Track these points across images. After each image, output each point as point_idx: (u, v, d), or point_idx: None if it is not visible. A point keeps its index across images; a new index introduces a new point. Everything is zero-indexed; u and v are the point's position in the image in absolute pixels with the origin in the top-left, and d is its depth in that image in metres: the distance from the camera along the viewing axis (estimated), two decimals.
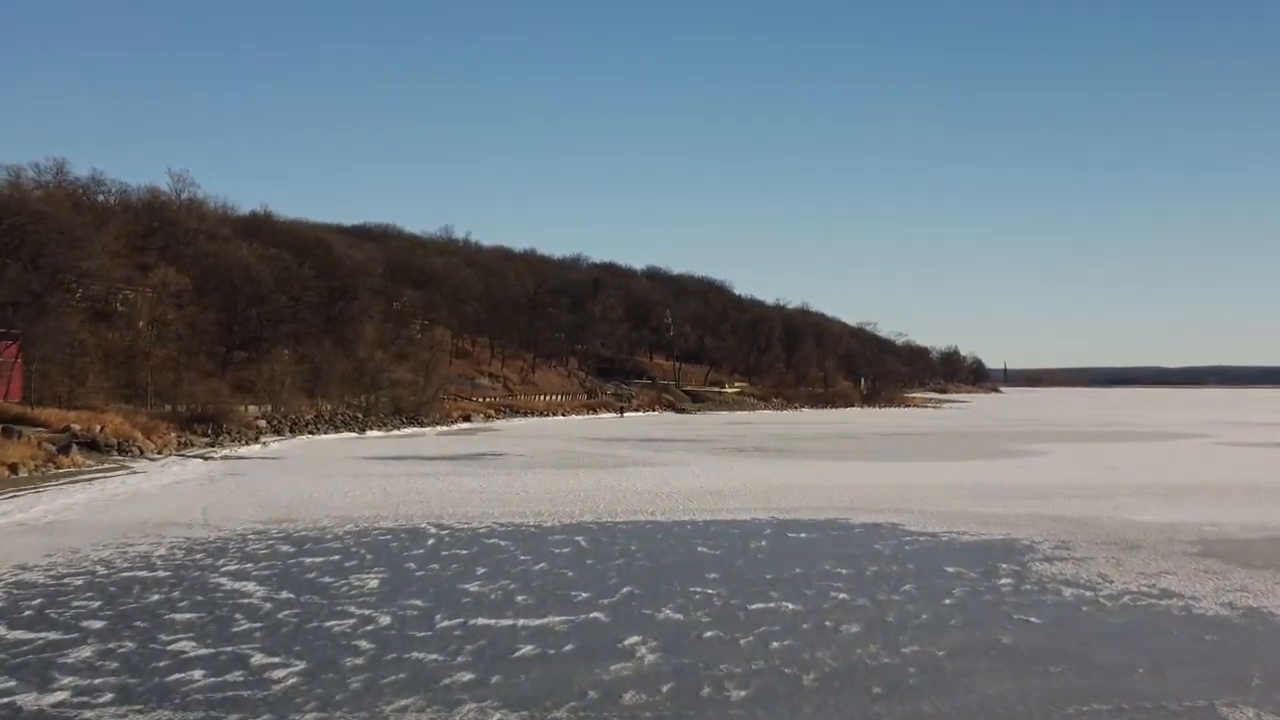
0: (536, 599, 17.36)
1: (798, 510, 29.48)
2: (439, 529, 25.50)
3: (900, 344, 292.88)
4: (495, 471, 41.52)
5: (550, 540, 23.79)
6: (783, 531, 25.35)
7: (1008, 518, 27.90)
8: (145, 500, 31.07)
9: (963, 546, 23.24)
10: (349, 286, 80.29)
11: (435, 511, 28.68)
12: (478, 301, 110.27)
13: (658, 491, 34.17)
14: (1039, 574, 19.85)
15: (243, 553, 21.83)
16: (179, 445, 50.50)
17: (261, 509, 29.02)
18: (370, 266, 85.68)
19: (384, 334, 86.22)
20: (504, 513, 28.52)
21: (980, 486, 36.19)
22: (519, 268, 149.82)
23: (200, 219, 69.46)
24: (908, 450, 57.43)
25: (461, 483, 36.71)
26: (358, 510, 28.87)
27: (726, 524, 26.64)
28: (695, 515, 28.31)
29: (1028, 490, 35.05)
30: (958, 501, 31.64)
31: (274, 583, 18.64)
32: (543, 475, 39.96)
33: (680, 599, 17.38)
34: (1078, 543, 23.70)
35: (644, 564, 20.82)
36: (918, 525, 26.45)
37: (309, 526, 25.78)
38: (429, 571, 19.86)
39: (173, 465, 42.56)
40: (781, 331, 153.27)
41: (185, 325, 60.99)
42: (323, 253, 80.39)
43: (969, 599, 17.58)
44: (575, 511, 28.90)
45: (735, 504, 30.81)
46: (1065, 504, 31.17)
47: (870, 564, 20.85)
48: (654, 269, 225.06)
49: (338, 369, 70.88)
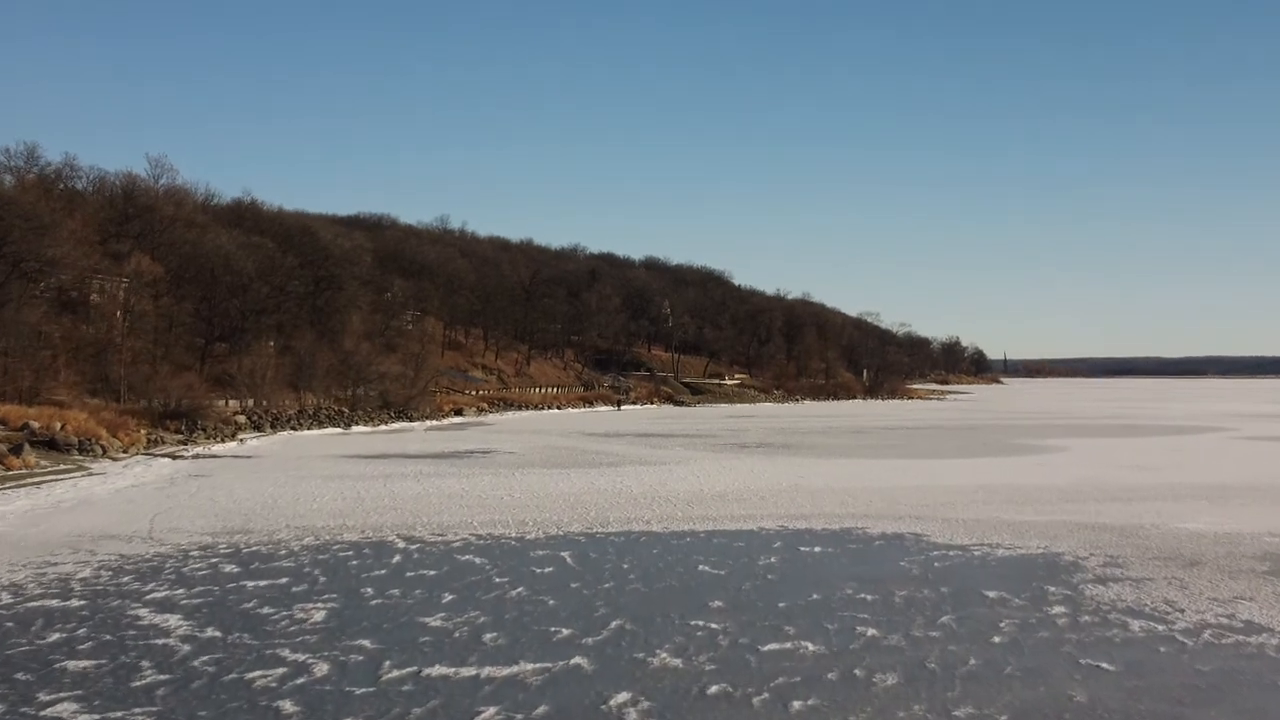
0: (509, 637, 14.62)
1: (809, 518, 26.73)
2: (408, 542, 22.75)
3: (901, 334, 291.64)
4: (480, 472, 38.76)
5: (532, 557, 21.03)
6: (794, 545, 22.60)
7: (1042, 527, 25.15)
8: (91, 508, 28.29)
9: (1000, 564, 20.49)
10: (335, 276, 77.41)
11: (408, 520, 25.92)
12: (471, 292, 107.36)
13: (654, 495, 31.42)
14: (1095, 600, 17.10)
15: (178, 575, 19.07)
16: (149, 443, 47.73)
17: (216, 518, 26.27)
18: (358, 255, 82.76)
19: (372, 325, 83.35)
20: (484, 521, 25.76)
21: (1004, 488, 33.44)
22: (514, 257, 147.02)
23: (178, 206, 66.56)
24: (919, 446, 54.69)
25: (442, 485, 33.95)
26: (322, 519, 26.11)
27: (731, 535, 23.89)
28: (695, 524, 25.56)
29: (1057, 493, 32.29)
30: (983, 507, 28.89)
31: (202, 616, 15.87)
32: (531, 476, 37.20)
33: (679, 636, 14.65)
34: (1128, 558, 20.97)
35: (637, 588, 18.06)
36: (944, 536, 23.70)
37: (263, 540, 23.02)
38: (387, 599, 17.09)
39: (136, 466, 39.78)
40: (782, 322, 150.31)
41: (160, 316, 58.13)
42: (308, 241, 77.51)
43: (1022, 636, 14.82)
44: (563, 520, 26.14)
45: (739, 510, 28.05)
46: (1101, 509, 28.43)
47: (898, 586, 18.10)
48: (652, 259, 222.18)
49: (322, 362, 68.02)
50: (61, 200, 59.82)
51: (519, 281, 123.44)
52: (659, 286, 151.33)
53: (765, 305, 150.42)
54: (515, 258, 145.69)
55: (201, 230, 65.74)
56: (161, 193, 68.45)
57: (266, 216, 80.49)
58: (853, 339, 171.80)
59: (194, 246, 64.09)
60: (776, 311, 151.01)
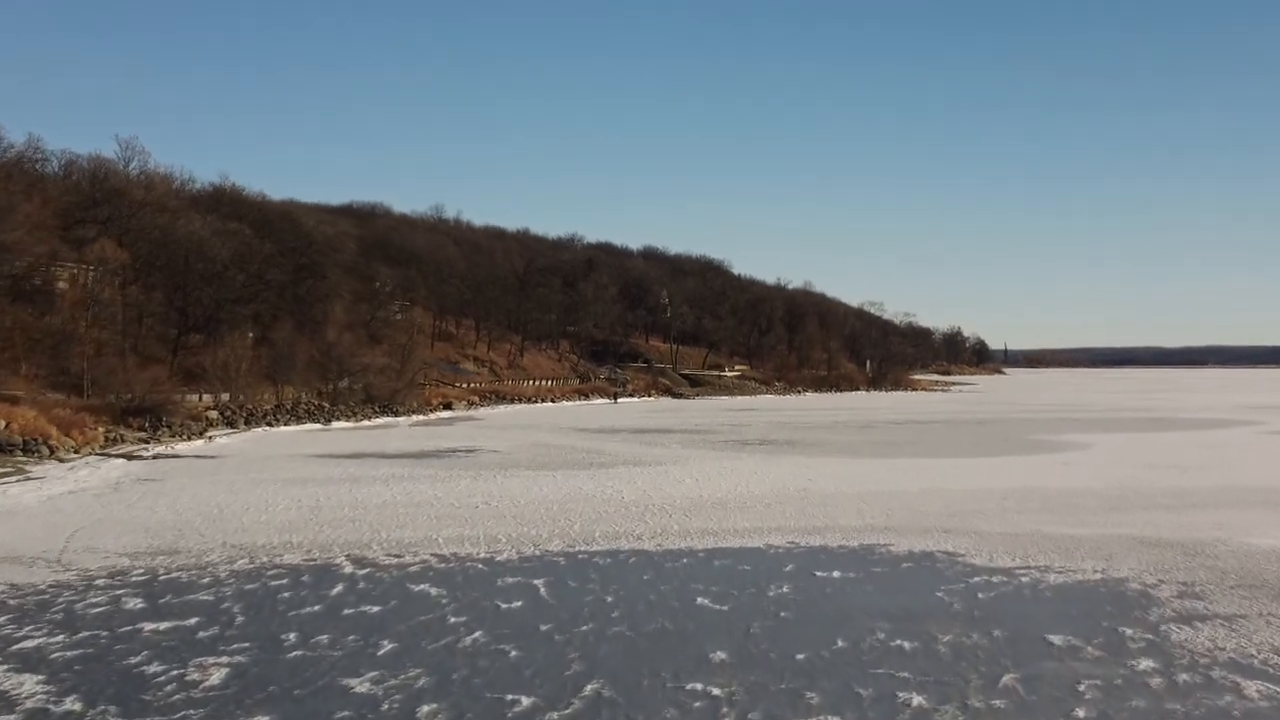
0: (453, 710, 11.35)
1: (823, 531, 23.45)
2: (357, 566, 19.46)
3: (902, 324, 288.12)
4: (459, 474, 35.43)
5: (499, 586, 17.75)
6: (809, 568, 19.31)
7: (1092, 543, 21.86)
8: (9, 520, 24.97)
9: (1056, 595, 17.20)
10: (317, 264, 73.99)
11: (363, 537, 22.62)
12: (462, 281, 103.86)
13: (648, 503, 28.12)
14: (1187, 650, 13.82)
15: (67, 613, 15.77)
16: (106, 442, 44.40)
17: (146, 534, 22.97)
18: (341, 242, 79.21)
19: (357, 315, 79.95)
20: (451, 538, 22.47)
21: (1035, 494, 30.14)
22: (508, 247, 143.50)
23: (148, 189, 63.10)
24: (932, 443, 51.40)
25: (413, 491, 30.63)
26: (266, 535, 22.81)
27: (734, 555, 20.61)
28: (693, 540, 22.28)
29: (1095, 499, 29.01)
30: (1018, 517, 25.59)
31: (70, 677, 12.58)
32: (513, 479, 33.89)
33: (671, 708, 11.38)
34: (1205, 587, 17.70)
35: (621, 632, 14.77)
36: (982, 556, 20.42)
37: (189, 563, 19.72)
38: (309, 651, 13.78)
39: (83, 469, 36.43)
40: (784, 312, 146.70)
41: (127, 306, 54.75)
42: (288, 227, 74.03)
43: (1111, 707, 11.54)
44: (542, 535, 22.85)
45: (743, 522, 24.76)
46: (1152, 520, 25.16)
47: (940, 628, 14.81)
48: (651, 248, 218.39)
49: (302, 354, 64.66)
50: (22, 184, 56.34)
51: (513, 270, 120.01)
52: (657, 276, 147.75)
53: (766, 295, 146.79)
54: (510, 246, 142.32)
55: (173, 215, 62.27)
56: (131, 176, 65.02)
57: (245, 202, 77.00)
58: (855, 329, 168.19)
59: (164, 232, 60.63)
60: (777, 301, 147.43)
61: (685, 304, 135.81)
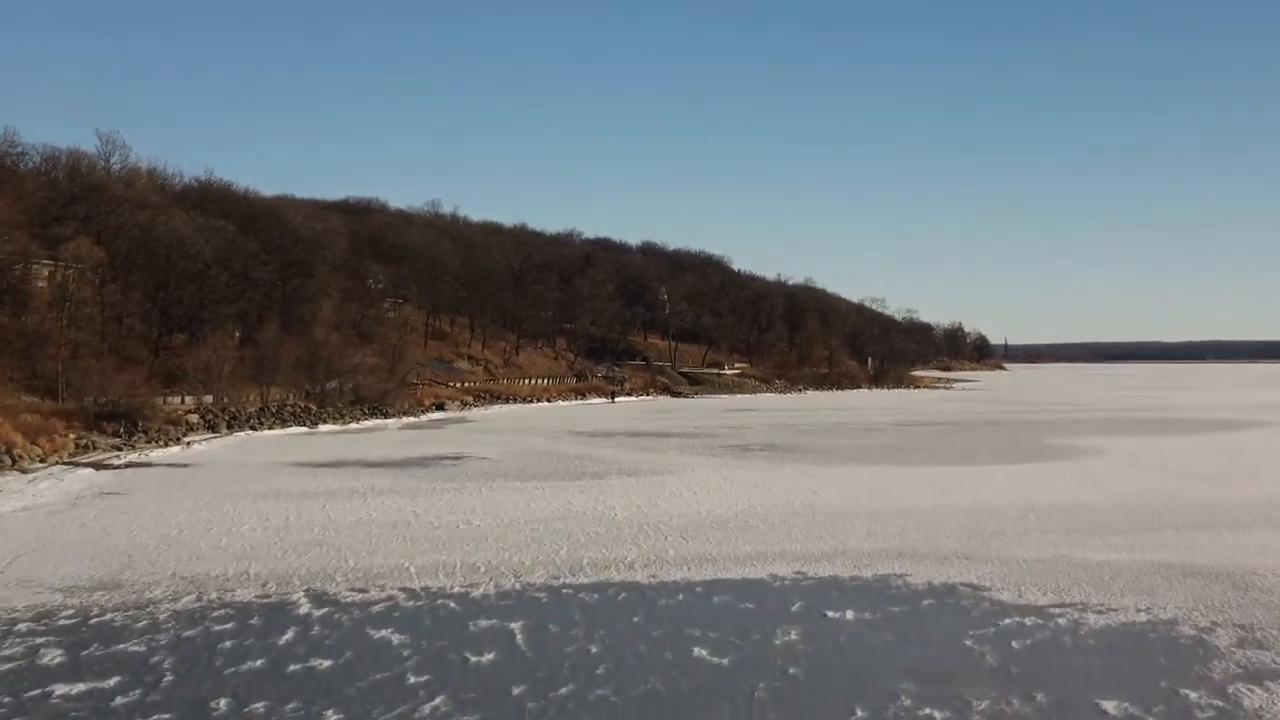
0: None
1: (832, 557, 21.48)
2: (315, 604, 17.47)
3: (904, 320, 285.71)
4: (442, 486, 33.44)
5: (472, 631, 15.76)
6: (818, 606, 17.31)
7: (1128, 572, 19.89)
8: None
9: (1098, 643, 15.21)
10: (305, 261, 71.92)
11: (328, 565, 20.63)
12: (456, 278, 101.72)
13: (642, 521, 26.13)
14: None
15: None
16: (77, 449, 42.43)
17: (92, 562, 20.99)
18: (330, 239, 77.09)
19: (346, 314, 77.89)
20: (424, 567, 20.49)
21: (1057, 510, 28.16)
22: (504, 243, 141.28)
23: (128, 185, 60.96)
24: (941, 448, 49.42)
25: (390, 507, 28.62)
26: (222, 563, 20.81)
27: (735, 589, 18.62)
28: (690, 570, 20.29)
29: (1122, 515, 27.03)
30: (1042, 538, 23.62)
31: None
32: (500, 492, 31.89)
33: None
34: (1266, 631, 15.76)
35: (605, 696, 12.78)
36: (1010, 591, 18.44)
37: (128, 601, 17.73)
38: None
39: (45, 480, 34.45)
40: (784, 308, 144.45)
41: (105, 306, 52.72)
42: (275, 224, 71.95)
43: None
44: (525, 563, 20.87)
45: (745, 546, 22.77)
46: (1187, 541, 23.20)
47: (973, 691, 12.83)
48: (650, 244, 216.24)
49: (288, 354, 62.61)
50: None
51: (509, 266, 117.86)
52: (655, 272, 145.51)
53: (766, 291, 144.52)
54: (506, 242, 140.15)
55: (154, 212, 60.15)
56: (112, 171, 62.81)
57: (231, 198, 74.82)
58: (856, 325, 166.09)
59: (144, 230, 58.53)
60: (778, 297, 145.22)
61: (684, 301, 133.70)
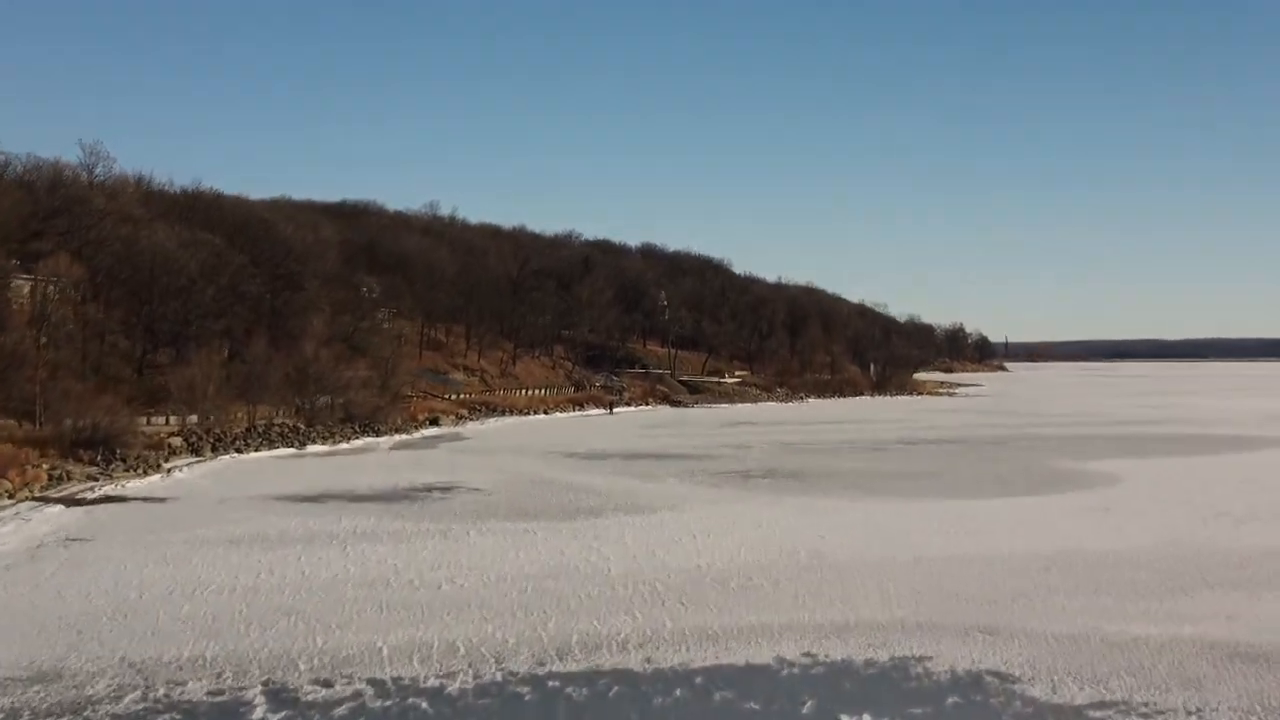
0: None
1: (843, 631, 19.79)
2: (272, 703, 15.80)
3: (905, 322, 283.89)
4: (428, 529, 31.68)
5: None
6: (832, 709, 15.56)
7: (1169, 651, 18.18)
8: None
9: None
10: (295, 274, 70.14)
11: (294, 646, 18.89)
12: (452, 286, 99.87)
13: (639, 579, 24.43)
14: None
15: None
16: (50, 481, 40.65)
17: (37, 638, 19.33)
18: (322, 250, 75.20)
19: (339, 327, 76.12)
20: (398, 647, 18.78)
21: (1079, 560, 26.46)
22: (502, 247, 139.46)
23: (110, 198, 59.06)
24: (950, 474, 47.67)
25: (370, 560, 26.85)
26: (178, 643, 19.05)
27: (739, 684, 16.88)
28: (690, 652, 18.58)
29: (1150, 571, 25.30)
30: (1068, 603, 21.93)
31: None
32: (489, 537, 30.16)
33: None
34: None
35: None
36: (1042, 683, 16.72)
37: (66, 699, 16.04)
38: None
39: (11, 521, 32.66)
40: (786, 315, 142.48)
41: (84, 324, 50.98)
42: (265, 235, 70.17)
43: None
44: (509, 641, 19.16)
45: (748, 615, 21.06)
46: (1227, 607, 21.49)
47: None
48: (649, 245, 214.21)
49: (276, 372, 60.85)
50: None
51: (506, 273, 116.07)
52: (654, 276, 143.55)
53: (767, 296, 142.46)
54: (504, 247, 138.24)
55: (137, 225, 58.32)
56: (93, 183, 60.89)
57: (220, 208, 72.82)
58: (858, 330, 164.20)
59: (127, 245, 56.73)
60: (779, 303, 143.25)
61: (684, 307, 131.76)
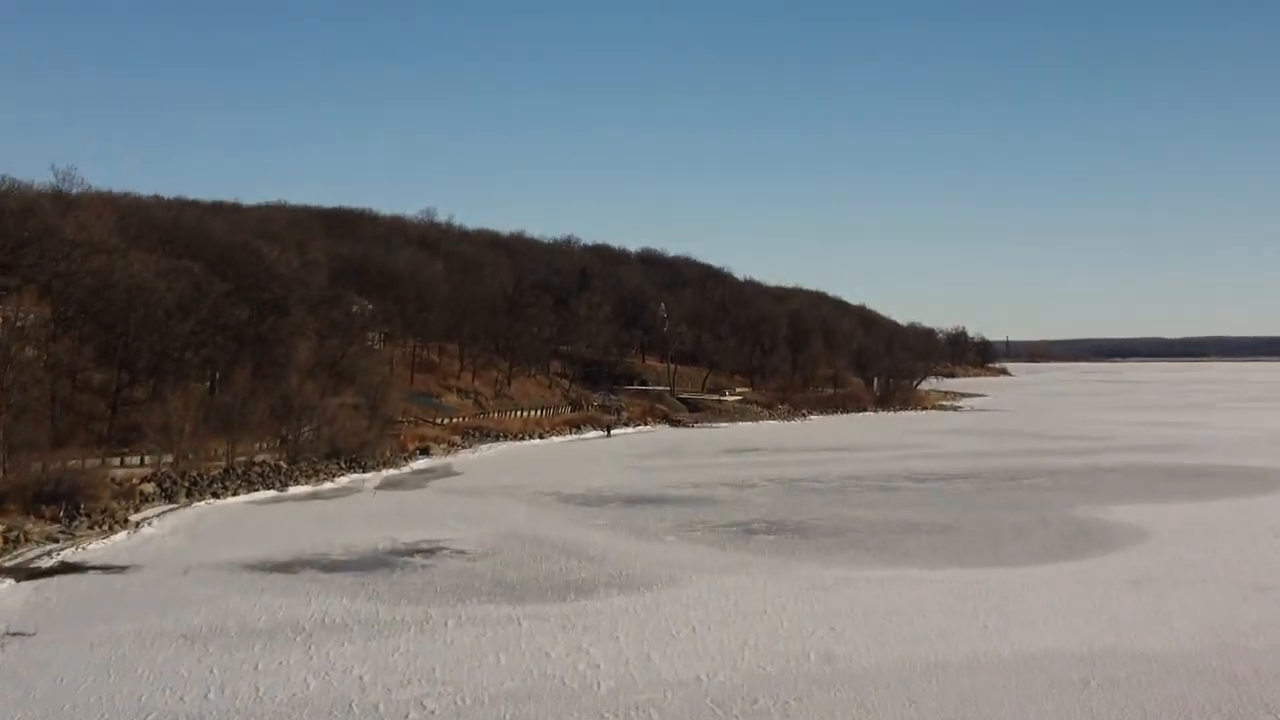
0: None
1: None
2: None
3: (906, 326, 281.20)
4: (403, 619, 28.95)
5: None
6: None
7: None
8: None
9: None
10: (280, 300, 67.45)
11: None
12: (445, 305, 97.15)
13: (631, 698, 21.88)
14: None
15: None
16: (8, 542, 38.06)
17: None
18: (308, 275, 72.29)
19: (326, 352, 73.42)
20: None
21: (1122, 668, 23.81)
22: (498, 259, 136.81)
23: (81, 228, 56.20)
24: (964, 525, 45.07)
25: (336, 668, 24.17)
26: None
27: None
28: None
29: (1204, 687, 22.69)
30: None
31: None
32: (467, 632, 27.49)
33: None
34: None
35: None
36: None
37: None
38: None
39: None
40: (788, 329, 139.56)
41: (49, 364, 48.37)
42: (249, 260, 67.44)
43: None
44: None
45: None
46: None
47: None
48: (649, 251, 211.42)
49: (257, 408, 58.18)
50: None
51: (501, 288, 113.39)
52: (653, 292, 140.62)
53: (768, 314, 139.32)
54: (499, 259, 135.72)
55: (110, 257, 55.55)
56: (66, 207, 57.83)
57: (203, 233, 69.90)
58: (861, 344, 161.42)
59: (99, 277, 54.03)
60: (781, 318, 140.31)
61: (684, 323, 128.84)
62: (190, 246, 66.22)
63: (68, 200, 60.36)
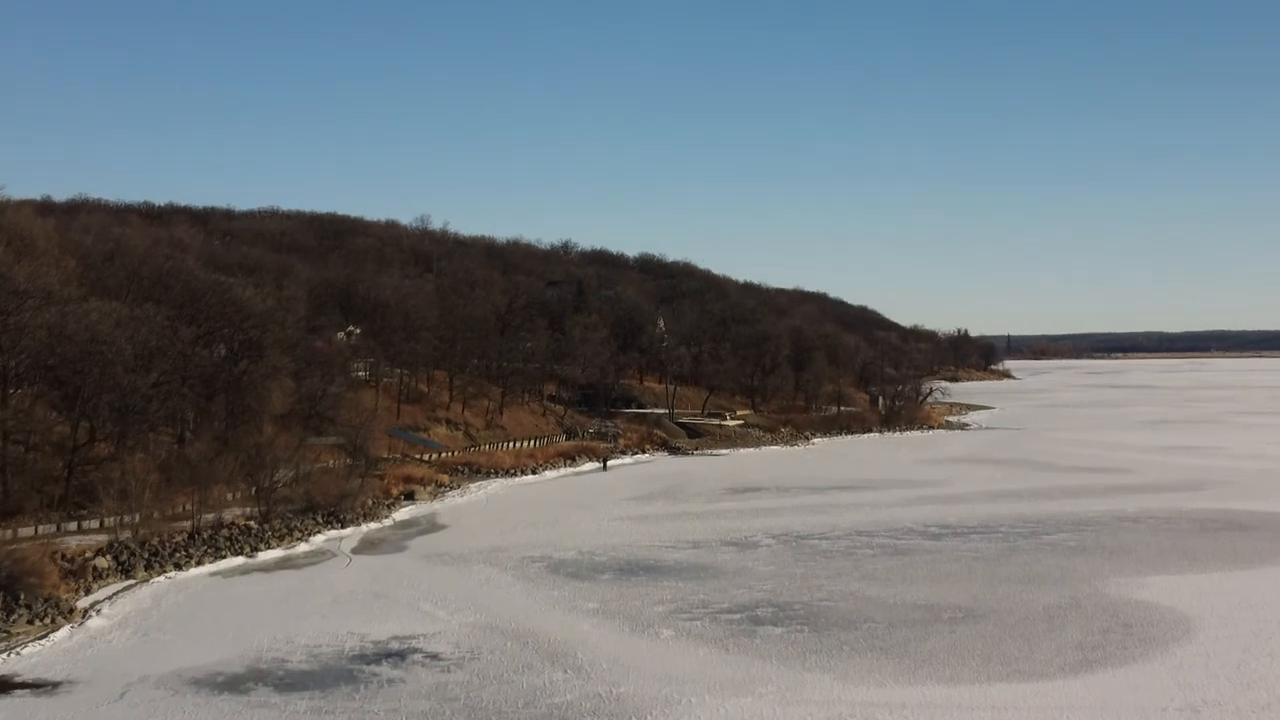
0: None
1: None
2: None
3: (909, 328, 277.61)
4: None
5: None
6: None
7: None
8: None
9: None
10: (255, 341, 63.64)
11: None
12: (433, 332, 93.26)
13: None
14: None
15: None
16: None
17: None
18: (283, 315, 68.18)
19: (307, 389, 69.64)
20: None
21: None
22: (491, 275, 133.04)
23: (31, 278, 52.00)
24: (990, 607, 41.29)
25: None
26: None
27: None
28: None
29: None
30: None
31: None
32: None
33: None
34: None
35: None
36: None
37: None
38: None
39: None
40: (790, 349, 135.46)
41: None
42: (218, 300, 63.59)
43: None
44: None
45: None
46: None
47: None
48: (648, 256, 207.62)
49: (228, 461, 54.43)
50: None
51: (493, 309, 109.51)
52: (650, 310, 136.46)
53: (770, 332, 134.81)
54: (492, 276, 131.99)
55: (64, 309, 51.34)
56: (14, 264, 53.54)
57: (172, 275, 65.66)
58: (866, 359, 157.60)
59: (53, 331, 50.18)
60: (783, 337, 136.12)
61: (683, 345, 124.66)
62: (158, 286, 62.38)
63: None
